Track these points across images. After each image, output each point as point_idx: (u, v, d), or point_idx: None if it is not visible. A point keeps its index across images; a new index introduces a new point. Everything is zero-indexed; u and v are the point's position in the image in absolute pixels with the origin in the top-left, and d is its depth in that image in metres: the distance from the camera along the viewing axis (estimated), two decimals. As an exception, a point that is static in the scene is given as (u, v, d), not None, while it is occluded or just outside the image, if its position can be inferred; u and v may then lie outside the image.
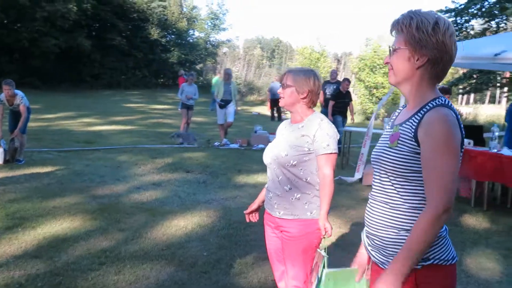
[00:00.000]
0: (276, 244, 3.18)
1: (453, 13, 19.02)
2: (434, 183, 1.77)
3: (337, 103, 12.02)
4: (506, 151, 7.22)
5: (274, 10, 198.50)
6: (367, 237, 2.05)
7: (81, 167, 8.73)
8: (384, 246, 1.92)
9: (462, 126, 1.83)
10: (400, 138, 1.88)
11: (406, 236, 1.85)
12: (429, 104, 1.85)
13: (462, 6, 18.55)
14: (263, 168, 9.45)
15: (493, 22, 18.71)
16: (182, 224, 5.81)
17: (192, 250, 4.99)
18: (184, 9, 36.57)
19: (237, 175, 8.99)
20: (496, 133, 7.21)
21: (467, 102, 43.86)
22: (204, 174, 8.85)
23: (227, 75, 12.78)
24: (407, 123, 1.89)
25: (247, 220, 3.42)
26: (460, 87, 19.98)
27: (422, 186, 1.83)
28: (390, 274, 1.77)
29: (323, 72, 31.39)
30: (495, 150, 7.06)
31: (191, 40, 35.57)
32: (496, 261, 5.22)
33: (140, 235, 5.34)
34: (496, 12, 17.68)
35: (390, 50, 1.94)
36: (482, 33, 18.84)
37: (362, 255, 2.21)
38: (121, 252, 4.81)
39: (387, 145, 1.93)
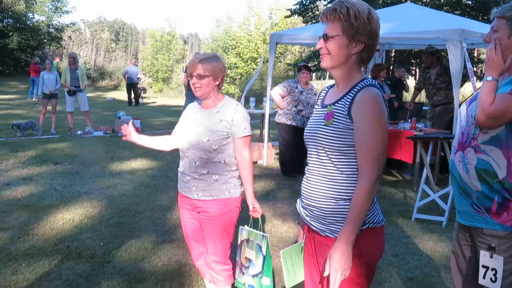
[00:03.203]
0: (193, 225, 3.30)
1: (299, -5, 20.08)
2: (367, 155, 2.03)
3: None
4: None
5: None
6: (305, 208, 2.26)
7: None
8: (324, 216, 2.14)
9: (386, 103, 2.12)
10: (335, 116, 2.10)
11: (344, 205, 2.09)
12: (359, 84, 2.10)
13: (308, -12, 19.67)
14: (135, 154, 9.50)
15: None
16: (68, 217, 5.63)
17: (87, 242, 4.90)
18: (21, -10, 33.90)
19: (111, 163, 8.81)
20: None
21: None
22: (75, 165, 8.53)
23: (72, 58, 12.12)
24: (340, 102, 2.12)
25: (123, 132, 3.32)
26: (311, 64, 21.22)
27: (356, 158, 2.07)
28: (340, 243, 2.01)
29: (175, 54, 31.33)
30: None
31: (31, 24, 33.13)
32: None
33: (26, 232, 5.09)
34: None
35: (324, 36, 2.12)
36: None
37: (301, 229, 2.45)
38: (11, 252, 4.57)
39: (322, 123, 2.14)
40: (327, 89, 2.34)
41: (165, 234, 5.21)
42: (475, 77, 7.07)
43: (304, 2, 20.17)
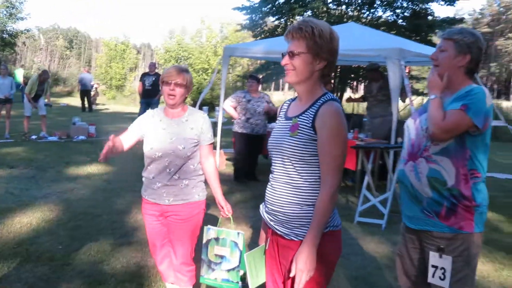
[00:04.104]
0: (161, 230, 3.25)
1: (248, 10, 20.16)
2: (329, 164, 2.08)
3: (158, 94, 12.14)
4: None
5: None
6: (269, 213, 2.27)
7: None
8: (289, 220, 2.16)
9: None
10: (299, 128, 2.13)
11: (308, 210, 2.12)
12: (322, 99, 2.14)
13: (257, 5, 19.76)
14: (90, 159, 9.27)
15: (282, 20, 20.34)
16: (25, 221, 5.42)
17: (45, 245, 4.74)
18: (-26, -4, 32.44)
19: (66, 167, 8.55)
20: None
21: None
22: (30, 169, 8.24)
23: (45, 76, 11.96)
24: (304, 114, 2.15)
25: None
26: (259, 76, 21.30)
27: (319, 167, 2.12)
28: (306, 246, 2.04)
29: (129, 63, 30.82)
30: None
31: (-17, 29, 31.74)
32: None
33: (-17, 236, 4.88)
34: (284, 11, 19.23)
35: (289, 53, 2.14)
36: (274, 29, 20.36)
37: (263, 233, 2.47)
38: (-32, 255, 4.37)
39: (288, 135, 2.17)
40: (289, 102, 2.37)
41: (123, 237, 5.11)
42: (411, 92, 7.31)
43: (253, 18, 20.29)
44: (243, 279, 2.93)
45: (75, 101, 25.08)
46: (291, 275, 2.06)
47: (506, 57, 65.16)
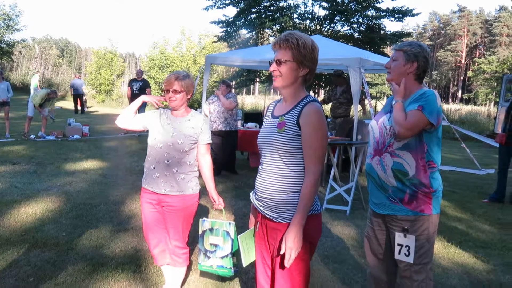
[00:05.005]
0: (156, 218, 3.23)
1: (224, 24, 20.12)
2: (312, 156, 2.13)
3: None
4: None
5: (61, 10, 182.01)
6: (259, 200, 2.30)
7: None
8: (277, 206, 2.20)
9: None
10: (286, 125, 2.18)
11: (294, 196, 2.16)
12: (305, 100, 2.19)
13: (231, 19, 19.75)
14: (86, 156, 9.13)
15: (254, 32, 20.39)
16: (30, 211, 5.31)
17: (50, 232, 4.66)
18: (-27, 9, 31.32)
19: (65, 163, 8.38)
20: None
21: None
22: (32, 165, 8.04)
23: (53, 96, 12.09)
24: (290, 113, 2.19)
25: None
26: (234, 82, 21.30)
27: (302, 159, 2.16)
28: (294, 227, 2.09)
29: (116, 70, 30.28)
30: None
31: (-18, 39, 30.70)
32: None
33: (-8, 225, 4.76)
34: (256, 25, 19.27)
35: (276, 61, 2.19)
36: (247, 40, 20.39)
37: (253, 217, 2.51)
38: (-20, 242, 4.27)
39: (275, 131, 2.20)
40: (274, 103, 2.41)
41: (120, 224, 5.06)
42: (370, 96, 7.45)
43: (228, 31, 20.27)
44: (236, 264, 2.97)
45: (68, 104, 24.52)
46: (281, 252, 2.10)
47: (445, 66, 66.84)
